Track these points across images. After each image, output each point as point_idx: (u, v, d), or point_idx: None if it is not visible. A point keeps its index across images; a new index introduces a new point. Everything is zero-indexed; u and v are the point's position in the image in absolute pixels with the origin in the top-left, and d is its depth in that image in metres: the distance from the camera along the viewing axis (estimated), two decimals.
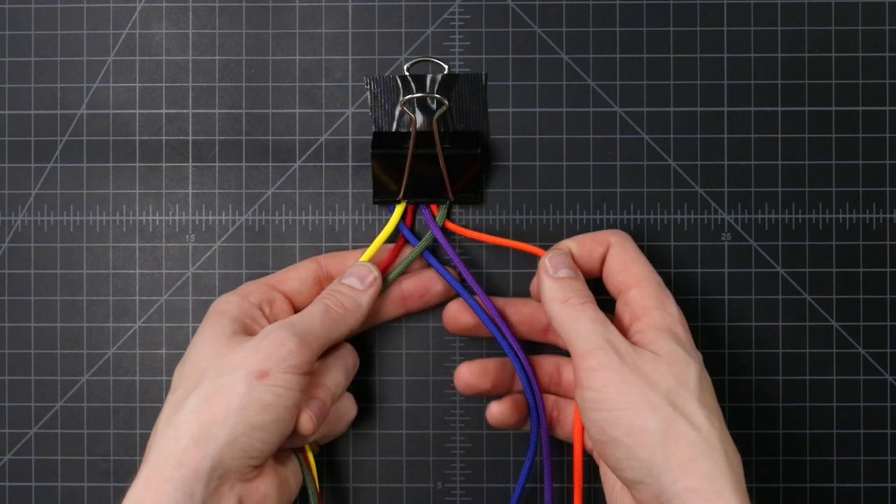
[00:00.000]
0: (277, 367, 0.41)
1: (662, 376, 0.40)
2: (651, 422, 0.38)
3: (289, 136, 0.49)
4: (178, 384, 0.42)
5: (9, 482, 0.49)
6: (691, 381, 0.40)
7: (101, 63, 0.49)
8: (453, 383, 0.49)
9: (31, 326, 0.49)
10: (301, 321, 0.43)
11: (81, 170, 0.49)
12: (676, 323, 0.42)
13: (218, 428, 0.40)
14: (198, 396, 0.41)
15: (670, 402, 0.39)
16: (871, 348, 0.48)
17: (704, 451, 0.38)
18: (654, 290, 0.43)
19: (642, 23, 0.49)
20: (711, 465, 0.38)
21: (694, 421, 0.39)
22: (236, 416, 0.40)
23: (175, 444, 0.40)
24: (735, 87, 0.49)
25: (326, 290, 0.45)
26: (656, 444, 0.38)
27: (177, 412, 0.41)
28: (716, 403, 0.41)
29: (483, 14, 0.49)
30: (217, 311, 0.44)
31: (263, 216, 0.49)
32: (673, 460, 0.38)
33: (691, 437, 0.38)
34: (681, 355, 0.40)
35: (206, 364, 0.42)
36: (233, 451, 0.40)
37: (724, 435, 0.40)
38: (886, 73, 0.49)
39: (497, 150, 0.49)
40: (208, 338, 0.43)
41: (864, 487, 0.48)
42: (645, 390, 0.39)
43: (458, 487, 0.49)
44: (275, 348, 0.41)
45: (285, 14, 0.49)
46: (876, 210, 0.49)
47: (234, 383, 0.40)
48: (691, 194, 0.49)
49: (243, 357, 0.41)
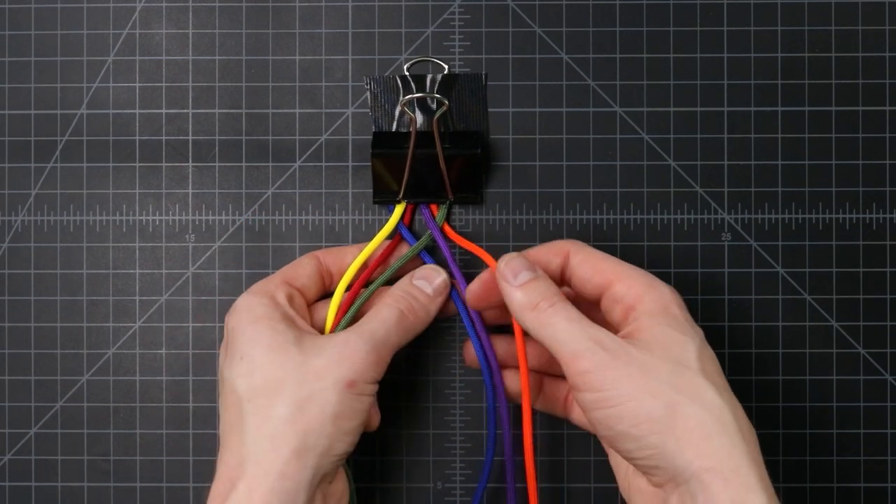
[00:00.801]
0: (362, 379, 0.41)
1: (659, 361, 0.39)
2: (655, 409, 0.38)
3: (289, 136, 0.49)
4: (252, 394, 0.41)
5: (9, 482, 0.49)
6: (691, 360, 0.39)
7: (101, 63, 0.49)
8: (453, 383, 0.49)
9: (31, 326, 0.49)
10: (379, 329, 0.43)
11: (81, 170, 0.49)
12: (671, 302, 0.41)
13: (316, 437, 0.40)
14: (287, 406, 0.40)
15: (672, 385, 0.38)
16: (871, 348, 0.48)
17: (716, 428, 0.38)
18: (637, 277, 0.42)
19: (642, 23, 0.49)
20: (726, 441, 0.37)
21: (701, 399, 0.38)
22: (332, 425, 0.41)
23: (276, 456, 0.40)
24: (735, 87, 0.49)
25: (399, 292, 0.45)
26: (665, 430, 0.38)
27: (266, 422, 0.40)
28: (722, 378, 0.40)
29: (483, 14, 0.49)
30: (262, 315, 0.42)
31: (263, 216, 0.49)
32: (685, 442, 0.37)
33: (701, 416, 0.38)
34: (675, 337, 0.40)
35: (284, 372, 0.41)
36: (329, 457, 0.41)
37: (735, 408, 0.39)
38: (886, 73, 0.49)
39: (497, 150, 0.49)
40: (272, 345, 0.42)
41: (863, 487, 0.48)
42: (643, 380, 0.38)
43: (458, 487, 0.49)
44: (358, 359, 0.42)
45: (285, 14, 0.49)
46: (876, 210, 0.49)
47: (325, 392, 0.41)
48: (691, 194, 0.49)
49: (327, 365, 0.41)
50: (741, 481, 0.37)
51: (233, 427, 0.41)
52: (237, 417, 0.41)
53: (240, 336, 0.42)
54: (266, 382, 0.41)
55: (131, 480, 0.49)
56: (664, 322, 0.40)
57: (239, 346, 0.42)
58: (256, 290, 0.44)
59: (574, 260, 0.43)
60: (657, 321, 0.40)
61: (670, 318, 0.40)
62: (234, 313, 0.43)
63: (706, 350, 0.40)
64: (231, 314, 0.43)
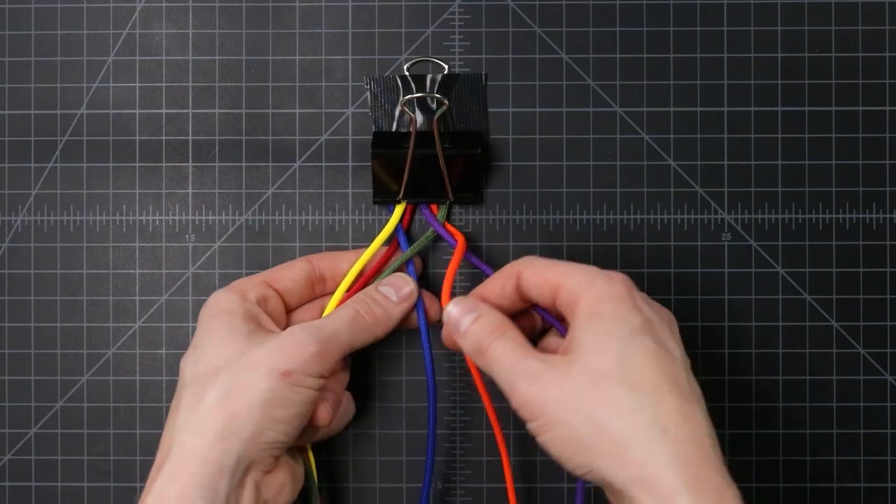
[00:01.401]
0: (300, 370, 0.41)
1: (577, 377, 0.39)
2: (577, 429, 0.38)
3: (289, 136, 0.49)
4: (192, 380, 0.42)
5: (9, 482, 0.49)
6: (608, 366, 0.38)
7: (101, 63, 0.49)
8: (453, 383, 0.49)
9: (31, 326, 0.49)
10: (328, 326, 0.43)
11: (81, 170, 0.49)
12: (600, 300, 0.40)
13: (242, 423, 0.40)
14: (218, 391, 0.41)
15: (589, 401, 0.38)
16: (871, 348, 0.48)
17: (630, 438, 0.37)
18: (575, 278, 0.41)
19: (642, 23, 0.49)
20: (641, 450, 0.37)
21: (617, 408, 0.38)
22: (260, 410, 0.40)
23: (200, 440, 0.40)
24: (735, 87, 0.49)
25: (360, 295, 0.45)
26: (589, 448, 0.38)
27: (196, 407, 0.41)
28: (655, 371, 0.38)
29: (483, 14, 0.49)
30: (224, 310, 0.43)
31: (263, 216, 0.49)
32: (606, 456, 0.37)
33: (616, 427, 0.37)
34: (595, 342, 0.39)
35: (225, 361, 0.41)
36: (256, 444, 0.40)
37: (662, 407, 0.38)
38: (886, 73, 0.49)
39: (497, 150, 0.49)
40: (224, 336, 0.42)
41: (863, 487, 0.48)
42: (564, 402, 0.38)
43: (458, 487, 0.49)
44: (297, 351, 0.41)
45: (285, 14, 0.49)
46: (876, 210, 0.49)
47: (257, 379, 0.41)
48: (691, 194, 0.49)
49: (266, 354, 0.41)
50: (664, 487, 0.36)
51: (171, 413, 0.42)
52: (175, 403, 0.42)
53: (200, 328, 0.43)
54: (206, 370, 0.41)
55: (131, 480, 0.49)
56: (588, 326, 0.40)
57: (197, 338, 0.43)
58: (232, 286, 0.45)
59: (524, 277, 0.43)
60: (583, 326, 0.40)
61: (595, 320, 0.40)
62: (205, 308, 0.44)
63: (636, 344, 0.39)
64: (203, 307, 0.44)
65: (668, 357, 0.39)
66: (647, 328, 0.39)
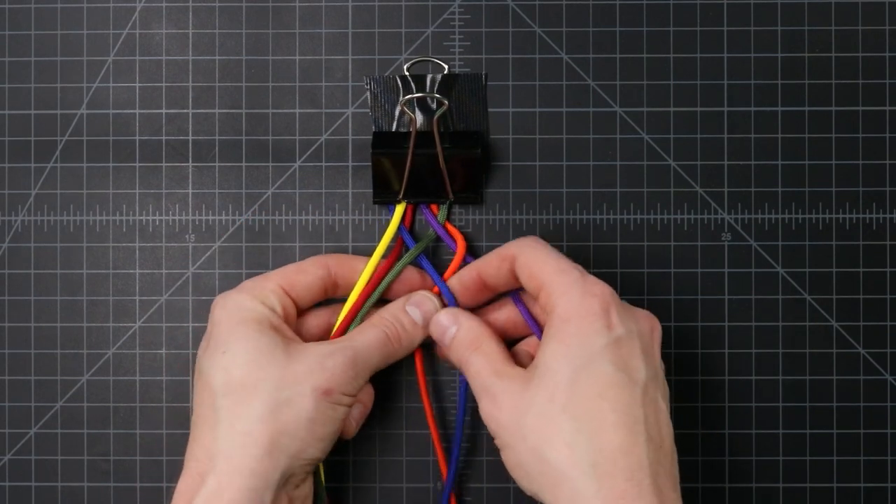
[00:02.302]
0: (339, 389, 0.42)
1: (528, 402, 0.39)
2: (521, 457, 0.39)
3: (289, 136, 0.49)
4: (227, 389, 0.41)
5: (9, 482, 0.49)
6: (557, 393, 0.39)
7: (101, 63, 0.49)
8: (453, 383, 0.49)
9: (31, 326, 0.49)
10: (362, 349, 0.43)
11: (81, 170, 0.49)
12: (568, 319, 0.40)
13: (289, 439, 0.41)
14: (264, 406, 0.41)
15: (534, 430, 0.39)
16: (871, 348, 0.48)
17: (566, 472, 0.38)
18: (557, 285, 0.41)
19: (642, 23, 0.49)
20: (571, 486, 0.37)
21: (556, 442, 0.38)
22: (306, 429, 0.41)
23: (247, 455, 0.40)
24: (735, 87, 0.49)
25: (389, 316, 0.45)
26: (530, 477, 0.39)
27: (239, 419, 0.40)
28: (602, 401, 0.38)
29: (483, 14, 0.49)
30: (251, 318, 0.42)
31: (263, 216, 0.49)
32: (546, 488, 0.39)
33: (554, 462, 0.38)
34: (548, 366, 0.39)
35: (265, 374, 0.41)
36: (298, 460, 0.41)
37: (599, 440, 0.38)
38: (886, 73, 0.49)
39: (497, 150, 0.49)
40: (257, 346, 0.42)
41: (863, 487, 0.48)
42: (514, 427, 0.40)
43: (457, 487, 0.49)
44: (338, 370, 0.42)
45: (285, 14, 0.49)
46: (876, 210, 0.49)
47: (302, 397, 0.41)
48: (691, 194, 0.49)
49: (308, 372, 0.41)
50: None
51: (205, 421, 0.41)
52: (210, 411, 0.41)
53: (225, 332, 0.42)
54: (244, 379, 0.41)
55: (131, 480, 0.49)
56: (551, 346, 0.40)
57: (223, 340, 0.42)
58: (251, 290, 0.44)
59: (517, 263, 0.43)
60: (547, 345, 0.40)
61: (557, 340, 0.40)
62: (224, 309, 0.43)
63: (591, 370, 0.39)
64: (220, 308, 0.43)
65: (624, 384, 0.39)
66: (610, 351, 0.39)
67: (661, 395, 0.40)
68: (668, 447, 0.39)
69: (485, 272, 0.45)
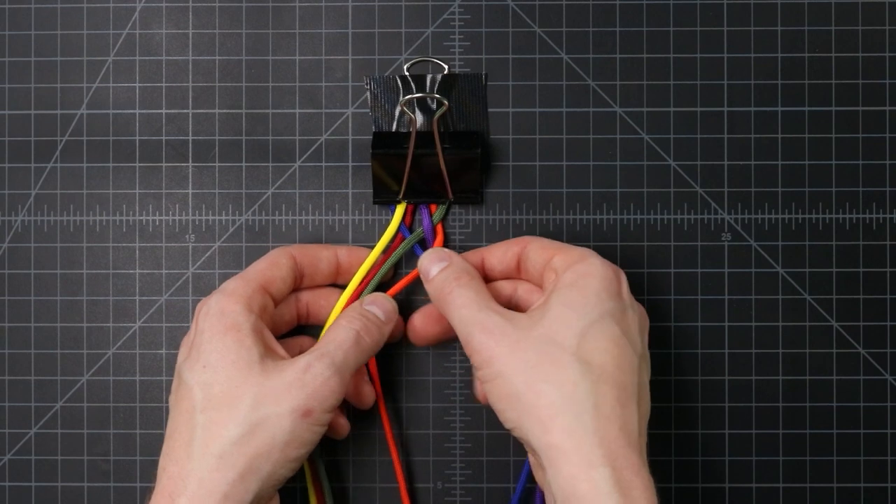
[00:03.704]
0: (320, 407, 0.41)
1: (533, 339, 0.40)
2: (515, 386, 0.40)
3: (289, 136, 0.49)
4: (205, 404, 0.41)
5: (9, 482, 0.49)
6: (568, 337, 0.40)
7: (101, 63, 0.49)
8: (453, 383, 0.49)
9: (31, 326, 0.49)
10: (337, 353, 0.43)
11: (81, 170, 0.49)
12: (588, 276, 0.42)
13: (263, 462, 0.40)
14: (240, 427, 0.40)
15: (535, 364, 0.40)
16: (871, 348, 0.48)
17: (563, 407, 0.39)
18: (576, 251, 0.43)
19: (642, 23, 0.49)
20: (570, 421, 0.39)
21: (558, 378, 0.39)
22: (280, 452, 0.41)
23: (221, 477, 0.40)
24: (735, 87, 0.49)
25: (353, 314, 0.45)
26: (521, 406, 0.40)
27: (215, 439, 0.40)
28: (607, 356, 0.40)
29: (483, 14, 0.49)
30: (233, 326, 0.42)
31: (263, 216, 0.49)
32: (535, 420, 0.39)
33: (552, 396, 0.39)
34: (562, 314, 0.41)
35: (242, 390, 0.41)
36: (271, 482, 0.41)
37: (601, 387, 0.39)
38: (886, 73, 0.49)
39: (497, 150, 0.49)
40: (237, 360, 0.41)
41: (863, 487, 0.48)
42: (510, 358, 0.40)
43: (458, 487, 0.49)
44: (319, 386, 0.41)
45: (285, 14, 0.49)
46: (876, 210, 0.49)
47: (279, 419, 0.41)
48: (691, 194, 0.49)
49: (286, 389, 0.41)
50: (581, 458, 0.38)
51: (180, 434, 0.41)
52: (187, 426, 0.41)
53: (207, 344, 0.42)
54: (222, 397, 0.41)
55: (131, 480, 0.49)
56: (565, 296, 0.41)
57: (204, 353, 0.42)
58: (233, 291, 0.43)
59: (529, 246, 0.45)
60: (560, 294, 0.41)
61: (575, 291, 0.41)
62: (207, 316, 0.43)
63: (602, 326, 0.41)
64: (203, 315, 0.43)
65: (627, 347, 0.41)
66: (619, 315, 0.41)
67: (647, 376, 0.43)
68: (646, 420, 0.42)
69: (489, 256, 0.46)
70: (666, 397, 0.48)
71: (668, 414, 0.48)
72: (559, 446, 0.39)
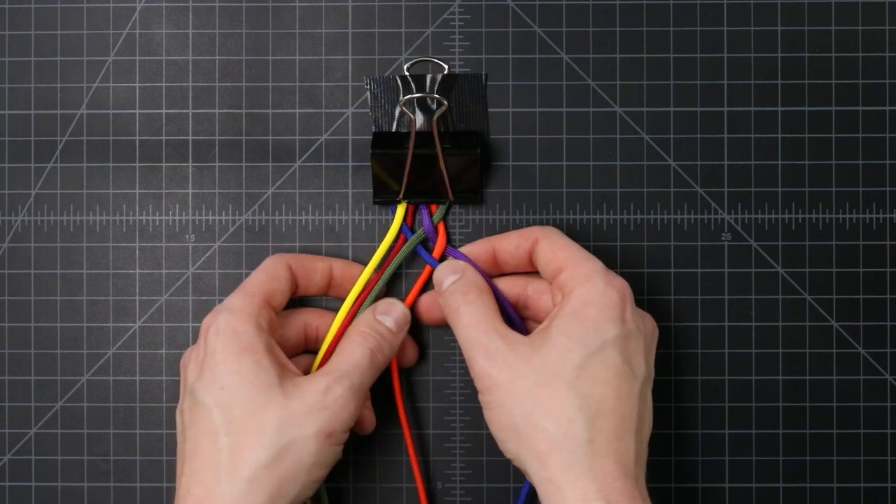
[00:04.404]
0: (341, 428, 0.42)
1: (532, 369, 0.40)
2: (514, 417, 0.40)
3: (289, 136, 0.49)
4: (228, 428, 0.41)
5: (9, 482, 0.49)
6: (566, 370, 0.40)
7: (101, 63, 0.49)
8: (453, 383, 0.49)
9: (31, 326, 0.49)
10: (355, 375, 0.43)
11: (81, 170, 0.49)
12: (591, 303, 0.41)
13: (290, 485, 0.41)
14: (268, 451, 0.40)
15: (533, 396, 0.40)
16: (871, 348, 0.48)
17: (560, 443, 0.39)
18: (582, 268, 0.42)
19: (642, 23, 0.49)
20: (566, 456, 0.39)
21: (555, 412, 0.40)
22: (307, 474, 0.41)
23: (251, 501, 0.40)
24: (735, 87, 0.49)
25: (366, 329, 0.45)
26: (519, 439, 0.40)
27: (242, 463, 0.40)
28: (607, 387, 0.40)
29: (483, 14, 0.49)
30: (247, 347, 0.42)
31: (263, 216, 0.49)
32: (532, 453, 0.40)
33: (549, 430, 0.39)
34: (562, 344, 0.40)
35: (266, 412, 0.41)
36: (294, 502, 0.41)
37: (598, 421, 0.39)
38: (886, 73, 0.49)
39: (497, 150, 0.49)
40: (257, 384, 0.41)
41: (863, 487, 0.48)
42: (511, 388, 0.40)
43: (458, 487, 0.49)
44: (340, 408, 0.42)
45: (285, 14, 0.49)
46: (876, 210, 0.49)
47: (305, 441, 0.41)
48: (691, 194, 0.49)
49: (308, 412, 0.41)
50: (577, 493, 0.38)
51: (204, 457, 0.41)
52: (211, 448, 0.41)
53: (221, 365, 0.42)
54: (245, 419, 0.41)
55: (131, 480, 0.49)
56: (565, 325, 0.41)
57: (220, 374, 0.41)
58: (241, 311, 0.43)
59: (540, 245, 0.44)
60: (561, 323, 0.41)
61: (575, 322, 0.41)
62: (218, 337, 0.42)
63: (602, 356, 0.40)
64: (213, 335, 0.42)
65: (628, 375, 0.41)
66: (621, 343, 0.41)
67: (650, 395, 0.43)
68: (646, 442, 0.42)
69: (501, 248, 0.46)
70: (666, 397, 0.48)
71: (668, 414, 0.48)
72: (556, 481, 0.39)
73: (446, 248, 0.47)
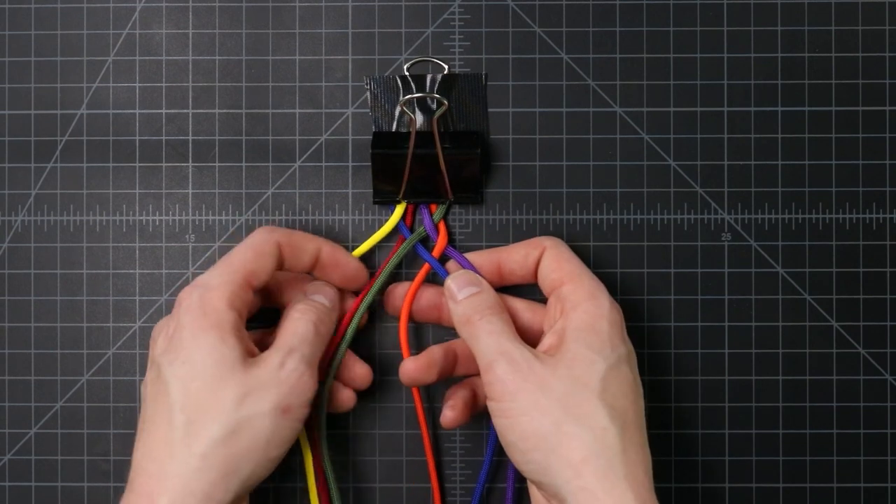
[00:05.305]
0: (298, 402, 0.42)
1: (560, 379, 0.41)
2: (542, 426, 0.40)
3: (289, 136, 0.49)
4: (185, 402, 0.40)
5: (9, 482, 0.49)
6: (593, 380, 0.41)
7: (101, 63, 0.49)
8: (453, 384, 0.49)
9: (31, 326, 0.49)
10: (304, 347, 0.43)
11: (81, 170, 0.49)
12: (600, 318, 0.42)
13: (244, 462, 0.40)
14: (224, 427, 0.40)
15: (563, 405, 0.40)
16: (871, 348, 0.48)
17: (596, 450, 0.39)
18: (586, 284, 0.43)
19: (642, 23, 0.49)
20: (603, 464, 0.39)
21: (589, 421, 0.40)
22: (262, 451, 0.41)
23: (204, 477, 0.40)
24: (735, 87, 0.49)
25: (304, 305, 0.44)
26: (548, 448, 0.40)
27: (196, 439, 0.40)
28: (626, 400, 0.41)
29: (483, 14, 0.49)
30: (216, 323, 0.41)
31: (263, 216, 0.49)
32: (564, 462, 0.39)
33: (583, 438, 0.40)
34: (585, 355, 0.41)
35: (224, 389, 0.41)
36: (249, 482, 0.41)
37: (627, 432, 0.40)
38: (886, 73, 0.49)
39: (497, 150, 0.49)
40: (219, 358, 0.41)
41: (864, 487, 0.48)
42: (538, 396, 0.40)
43: (458, 487, 0.49)
44: (295, 382, 0.42)
45: (285, 14, 0.49)
46: (876, 210, 0.49)
47: (261, 418, 0.41)
48: (691, 194, 0.49)
49: (264, 388, 0.41)
50: (615, 501, 0.39)
51: (157, 429, 0.41)
52: (165, 423, 0.40)
53: (188, 338, 0.41)
54: (202, 394, 0.40)
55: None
56: (583, 338, 0.42)
57: (185, 349, 0.41)
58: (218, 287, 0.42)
59: (546, 254, 0.45)
60: (577, 336, 0.42)
61: (592, 335, 0.42)
62: (189, 310, 0.42)
63: (619, 370, 0.42)
64: (186, 308, 0.42)
65: (637, 390, 0.42)
66: (629, 359, 0.43)
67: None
68: None
69: (507, 259, 0.46)
70: (666, 397, 0.48)
71: (668, 414, 0.48)
72: (592, 489, 0.39)
73: (446, 248, 0.47)
